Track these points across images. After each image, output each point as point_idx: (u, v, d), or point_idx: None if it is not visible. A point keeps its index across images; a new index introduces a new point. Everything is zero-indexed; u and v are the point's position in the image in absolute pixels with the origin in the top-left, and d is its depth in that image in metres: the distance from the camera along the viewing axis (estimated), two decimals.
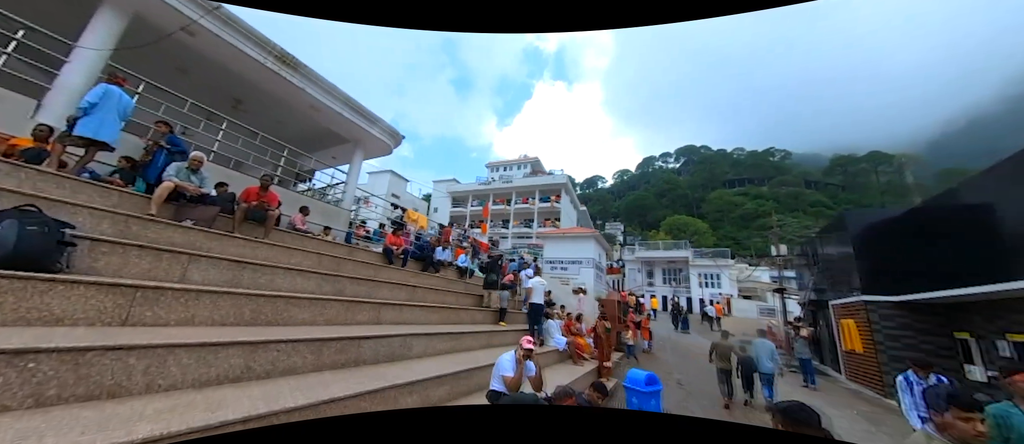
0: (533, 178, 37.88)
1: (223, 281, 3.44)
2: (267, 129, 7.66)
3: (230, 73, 7.42)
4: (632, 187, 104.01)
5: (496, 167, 46.72)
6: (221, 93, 8.30)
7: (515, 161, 46.62)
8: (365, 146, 9.30)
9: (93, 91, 3.90)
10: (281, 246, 4.73)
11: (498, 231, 32.50)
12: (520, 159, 46.76)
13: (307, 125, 9.29)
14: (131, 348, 1.96)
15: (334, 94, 7.88)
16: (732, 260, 29.11)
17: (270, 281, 3.84)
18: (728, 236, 63.66)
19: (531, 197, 34.78)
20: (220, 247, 4.02)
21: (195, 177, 4.33)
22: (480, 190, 37.55)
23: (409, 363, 3.83)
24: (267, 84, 7.57)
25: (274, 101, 8.26)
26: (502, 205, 35.25)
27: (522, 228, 34.01)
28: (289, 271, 4.07)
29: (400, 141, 9.53)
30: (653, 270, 31.46)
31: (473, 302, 7.56)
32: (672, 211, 76.09)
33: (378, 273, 6.04)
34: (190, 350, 2.19)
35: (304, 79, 7.30)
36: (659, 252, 31.26)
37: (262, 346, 2.57)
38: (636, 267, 31.34)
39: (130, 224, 3.42)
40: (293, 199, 7.23)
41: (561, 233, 14.82)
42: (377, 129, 8.93)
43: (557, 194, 34.20)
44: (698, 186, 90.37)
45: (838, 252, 9.98)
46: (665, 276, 30.78)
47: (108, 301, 2.37)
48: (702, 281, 27.34)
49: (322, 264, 5.11)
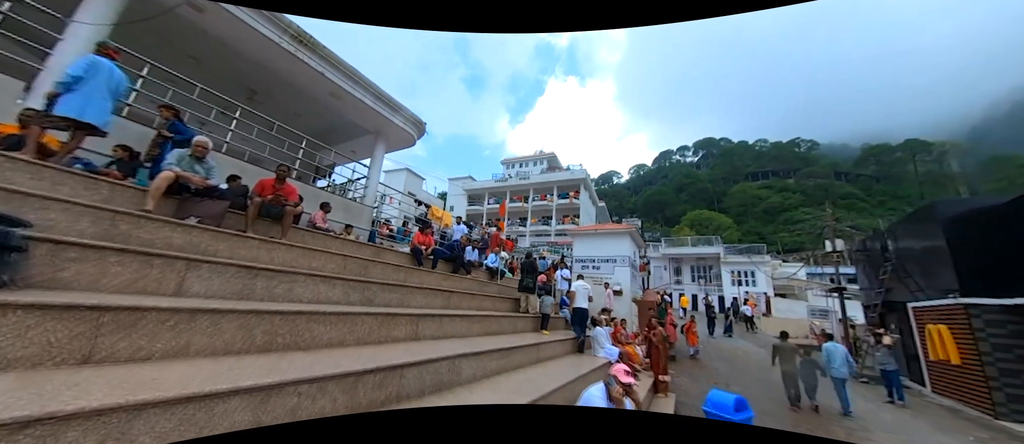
0: (551, 174, 36.91)
1: (230, 292, 2.74)
2: (285, 122, 7.05)
3: (243, 59, 6.83)
4: (649, 182, 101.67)
5: (512, 164, 45.92)
6: (235, 83, 7.75)
7: (531, 157, 45.71)
8: (388, 137, 8.61)
9: (78, 63, 3.25)
10: (301, 247, 4.04)
11: (516, 229, 31.75)
12: (536, 155, 45.81)
13: (326, 116, 8.67)
14: (66, 419, 1.21)
15: (355, 79, 7.19)
16: (767, 256, 27.41)
17: (288, 290, 3.13)
18: (753, 231, 61.25)
19: (549, 194, 33.86)
20: (229, 250, 3.33)
21: (200, 166, 3.66)
22: (496, 187, 36.84)
23: (460, 392, 3.06)
24: (283, 70, 6.95)
25: (291, 90, 7.65)
26: (519, 202, 34.45)
27: (540, 226, 33.15)
28: (311, 277, 3.35)
29: (424, 131, 8.80)
30: (681, 267, 30.04)
31: (510, 307, 6.77)
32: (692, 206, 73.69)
33: (409, 277, 5.31)
34: (168, 410, 1.44)
35: (323, 62, 6.63)
36: (687, 248, 29.77)
37: (277, 391, 1.82)
38: (662, 264, 29.99)
39: (118, 223, 2.74)
40: (313, 195, 6.59)
41: (593, 230, 13.87)
42: (400, 118, 8.22)
43: (576, 190, 33.16)
44: (719, 180, 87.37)
45: (923, 247, 8.71)
46: (694, 273, 29.32)
47: (62, 330, 1.65)
48: (737, 278, 25.79)
49: (347, 268, 4.40)
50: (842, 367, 6.79)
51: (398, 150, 9.25)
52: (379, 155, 8.44)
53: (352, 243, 5.40)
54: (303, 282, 3.26)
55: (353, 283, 3.74)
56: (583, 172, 34.50)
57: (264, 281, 2.98)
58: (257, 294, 2.91)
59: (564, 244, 24.05)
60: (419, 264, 6.15)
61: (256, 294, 2.90)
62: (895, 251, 9.85)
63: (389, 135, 8.55)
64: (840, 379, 6.72)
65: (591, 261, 12.57)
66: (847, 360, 6.88)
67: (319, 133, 8.99)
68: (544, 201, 33.60)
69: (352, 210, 7.54)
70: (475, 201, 37.58)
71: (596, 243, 12.64)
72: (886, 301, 10.25)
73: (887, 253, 10.17)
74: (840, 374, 6.74)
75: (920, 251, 8.82)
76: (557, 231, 30.72)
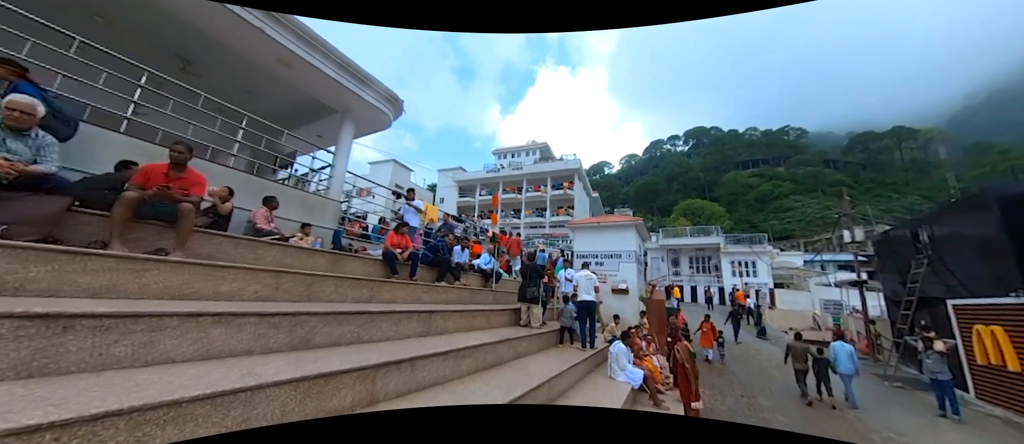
0: (545, 164, 35.64)
1: (6, 366, 1.44)
2: (236, 103, 5.62)
3: (167, 18, 5.34)
4: (640, 172, 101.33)
5: (504, 154, 44.44)
6: (161, 50, 6.23)
7: (523, 147, 44.30)
8: (356, 117, 7.18)
9: None
10: (204, 264, 2.73)
11: (510, 221, 30.54)
12: (529, 145, 44.40)
13: (281, 93, 7.21)
14: None
15: (310, 42, 5.77)
16: (769, 246, 26.75)
17: (144, 348, 1.84)
18: (744, 219, 61.46)
19: (543, 184, 32.63)
20: (51, 278, 2.02)
21: (19, 142, 2.31)
22: (489, 178, 35.42)
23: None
24: (217, 30, 5.49)
25: (233, 59, 6.18)
26: (512, 194, 33.16)
27: (535, 217, 32.01)
28: (199, 318, 2.06)
29: (401, 109, 7.41)
30: (679, 258, 29.25)
31: (508, 320, 5.56)
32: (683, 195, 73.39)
33: (376, 293, 4.04)
34: None
35: (265, 17, 5.18)
36: (685, 239, 28.92)
37: None
38: (660, 255, 29.14)
39: None
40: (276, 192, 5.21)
41: (595, 222, 12.68)
42: (371, 93, 6.81)
43: (570, 180, 32.01)
44: (710, 169, 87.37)
45: (973, 237, 7.76)
46: (693, 264, 28.55)
47: None
48: (739, 269, 25.04)
49: (281, 290, 3.11)
50: (848, 364, 7.24)
51: (371, 133, 7.85)
52: (346, 139, 7.02)
53: (299, 250, 4.10)
54: (177, 329, 1.97)
55: (279, 318, 2.46)
56: (577, 162, 33.28)
57: (104, 340, 1.69)
58: (67, 362, 1.61)
59: (559, 236, 22.93)
60: (393, 273, 4.89)
61: (64, 363, 1.61)
62: (932, 242, 8.93)
63: (358, 115, 7.12)
64: (847, 376, 7.19)
65: (594, 256, 11.42)
66: (852, 358, 7.32)
67: (277, 116, 7.53)
68: (538, 192, 32.37)
69: (314, 206, 6.18)
70: (466, 193, 36.12)
71: (598, 237, 11.48)
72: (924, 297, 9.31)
73: (919, 244, 9.26)
74: (847, 371, 7.21)
75: (969, 242, 7.88)
76: (552, 223, 29.58)
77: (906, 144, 79.48)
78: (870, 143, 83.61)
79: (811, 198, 67.41)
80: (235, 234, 3.89)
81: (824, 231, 51.87)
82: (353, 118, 7.18)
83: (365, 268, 4.68)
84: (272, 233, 4.57)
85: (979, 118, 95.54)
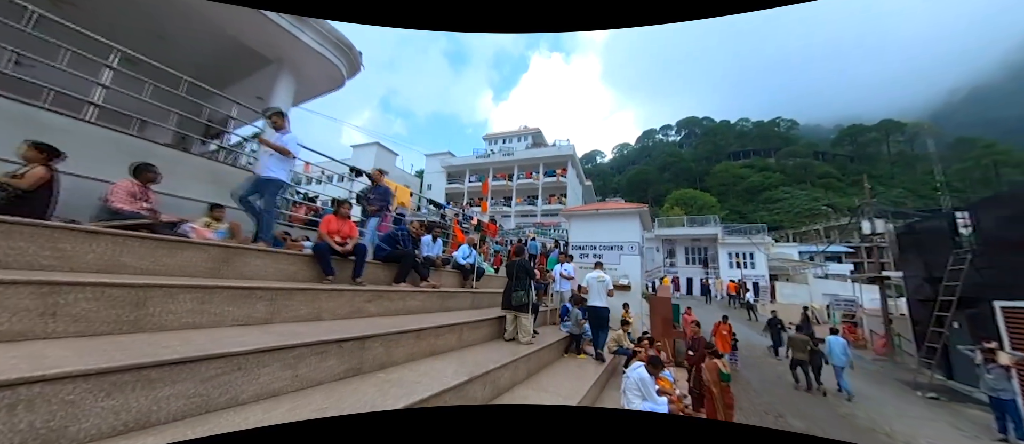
0: (537, 150, 34.13)
1: None
2: (146, 53, 4.06)
3: None
4: (632, 161, 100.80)
5: (494, 139, 42.68)
6: None
7: (515, 133, 42.59)
8: (297, 70, 5.61)
9: None
10: None
11: (499, 209, 29.16)
12: (520, 131, 42.69)
13: (201, 40, 5.59)
14: None
15: None
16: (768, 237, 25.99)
17: None
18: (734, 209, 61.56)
19: (535, 171, 31.20)
20: None
21: None
22: (478, 164, 33.80)
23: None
24: None
25: None
26: (503, 180, 31.68)
27: (526, 205, 30.67)
28: None
29: (358, 65, 5.84)
30: (674, 249, 28.36)
31: (488, 334, 4.24)
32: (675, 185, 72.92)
33: (279, 310, 2.63)
34: None
35: None
36: (682, 230, 27.98)
37: None
38: (655, 246, 28.19)
39: None
40: (196, 165, 3.73)
41: (594, 209, 11.33)
42: (312, 36, 5.21)
43: (563, 167, 30.65)
44: (702, 159, 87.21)
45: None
46: (689, 255, 27.70)
47: None
48: (737, 261, 24.21)
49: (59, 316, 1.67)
50: (841, 357, 7.87)
51: (322, 95, 6.29)
52: (284, 97, 5.46)
53: (167, 244, 2.65)
54: None
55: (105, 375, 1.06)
56: (570, 148, 31.87)
57: None
58: None
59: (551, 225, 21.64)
60: (328, 273, 3.48)
61: None
62: (979, 236, 7.88)
63: (300, 67, 5.55)
64: (839, 367, 7.85)
65: (591, 248, 10.15)
66: (846, 351, 7.94)
67: (200, 70, 5.92)
68: (529, 179, 30.96)
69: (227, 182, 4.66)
70: (455, 179, 34.46)
71: (597, 226, 10.17)
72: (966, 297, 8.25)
73: (958, 238, 8.24)
74: (840, 363, 7.84)
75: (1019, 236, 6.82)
76: (544, 211, 28.30)
77: (893, 137, 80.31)
78: (858, 136, 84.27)
79: (800, 190, 67.89)
80: (55, 221, 2.45)
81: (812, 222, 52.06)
82: (293, 71, 5.61)
83: (280, 268, 3.26)
84: (137, 216, 3.10)
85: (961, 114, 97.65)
